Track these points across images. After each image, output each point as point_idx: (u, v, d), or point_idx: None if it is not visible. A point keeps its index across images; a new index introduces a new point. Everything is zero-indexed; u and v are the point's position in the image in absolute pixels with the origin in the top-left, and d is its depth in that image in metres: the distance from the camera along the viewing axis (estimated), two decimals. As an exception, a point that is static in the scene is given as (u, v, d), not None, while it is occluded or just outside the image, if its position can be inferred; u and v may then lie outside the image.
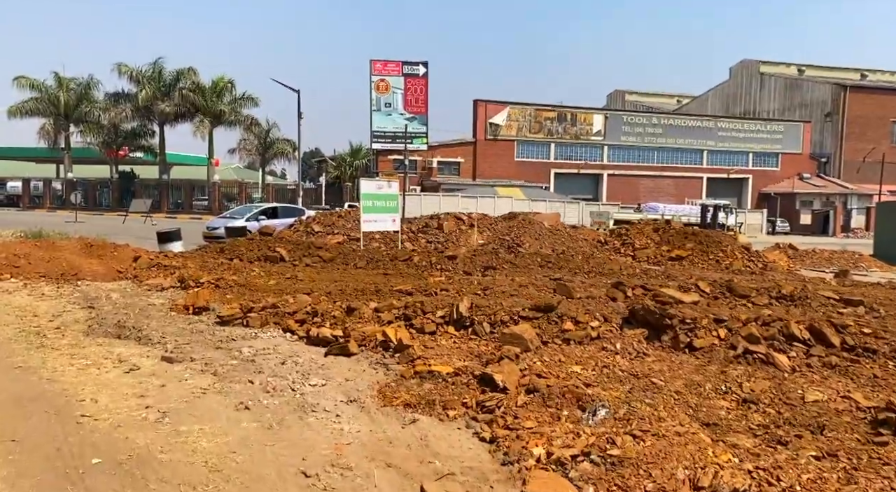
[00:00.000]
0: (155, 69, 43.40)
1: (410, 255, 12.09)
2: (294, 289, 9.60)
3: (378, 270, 11.83)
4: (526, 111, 48.93)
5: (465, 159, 48.31)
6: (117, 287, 9.80)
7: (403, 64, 43.48)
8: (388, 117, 43.53)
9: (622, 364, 5.08)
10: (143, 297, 9.09)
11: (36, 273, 9.93)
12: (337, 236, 16.12)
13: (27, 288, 9.03)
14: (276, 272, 10.98)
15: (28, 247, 10.92)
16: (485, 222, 18.77)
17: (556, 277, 10.14)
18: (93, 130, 46.21)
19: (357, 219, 16.97)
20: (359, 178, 38.44)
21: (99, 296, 8.77)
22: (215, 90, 43.35)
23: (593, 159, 50.91)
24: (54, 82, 45.35)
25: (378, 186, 14.20)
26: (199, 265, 11.25)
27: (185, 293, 9.42)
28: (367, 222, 13.69)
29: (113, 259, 11.26)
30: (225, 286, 9.72)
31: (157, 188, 45.45)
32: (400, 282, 10.35)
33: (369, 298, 8.73)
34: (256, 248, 12.98)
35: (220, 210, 44.21)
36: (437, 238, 17.46)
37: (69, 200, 42.88)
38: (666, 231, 17.60)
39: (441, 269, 11.69)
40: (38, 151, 50.93)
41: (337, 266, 12.29)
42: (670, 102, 75.04)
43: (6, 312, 7.33)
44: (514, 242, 12.86)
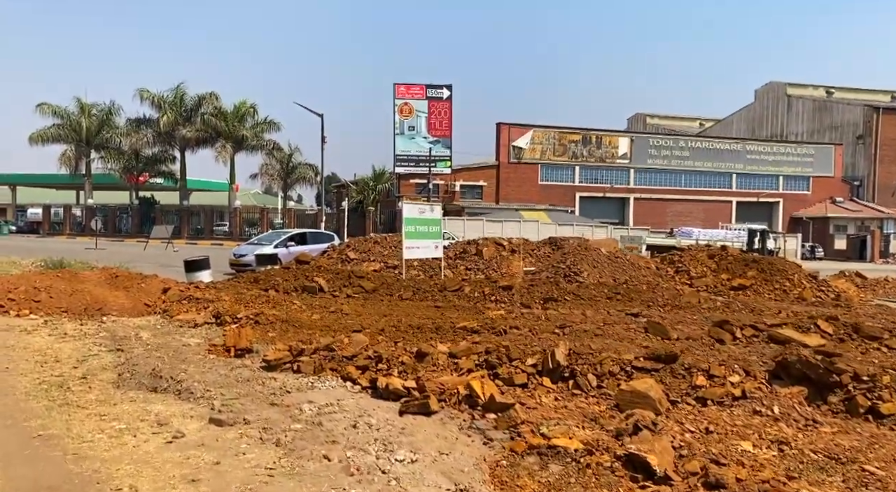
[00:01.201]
0: (177, 94, 43.23)
1: (461, 284, 11.05)
2: (342, 325, 8.59)
3: (426, 301, 10.79)
4: (550, 134, 48.11)
5: (488, 183, 47.43)
6: (146, 324, 8.84)
7: (427, 87, 42.95)
8: (412, 141, 42.88)
9: (800, 438, 3.96)
10: (177, 335, 8.11)
11: (58, 308, 9.01)
12: (373, 264, 15.13)
13: (48, 326, 8.08)
14: (319, 305, 9.98)
15: (49, 279, 10.02)
16: (526, 248, 17.73)
17: (633, 313, 9.04)
18: (113, 156, 46.02)
19: (394, 245, 16.02)
20: (401, 202, 37.74)
21: (127, 335, 7.80)
22: (237, 115, 43.02)
23: (619, 183, 49.82)
24: (76, 108, 45.33)
25: (420, 211, 13.24)
26: (233, 298, 10.29)
27: (223, 331, 8.46)
28: (409, 249, 12.70)
29: (140, 291, 10.33)
30: (265, 322, 8.73)
31: (178, 214, 44.97)
32: (456, 316, 9.31)
33: (429, 337, 7.70)
34: (293, 277, 12.01)
35: (241, 236, 43.58)
36: (476, 265, 16.41)
37: (89, 227, 42.46)
38: (723, 258, 16.42)
39: (496, 300, 10.62)
40: (58, 178, 50.87)
41: (381, 297, 11.27)
42: (692, 126, 73.99)
43: (25, 358, 6.36)
44: (570, 270, 11.79)
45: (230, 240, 43.19)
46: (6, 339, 7.07)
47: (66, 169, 46.12)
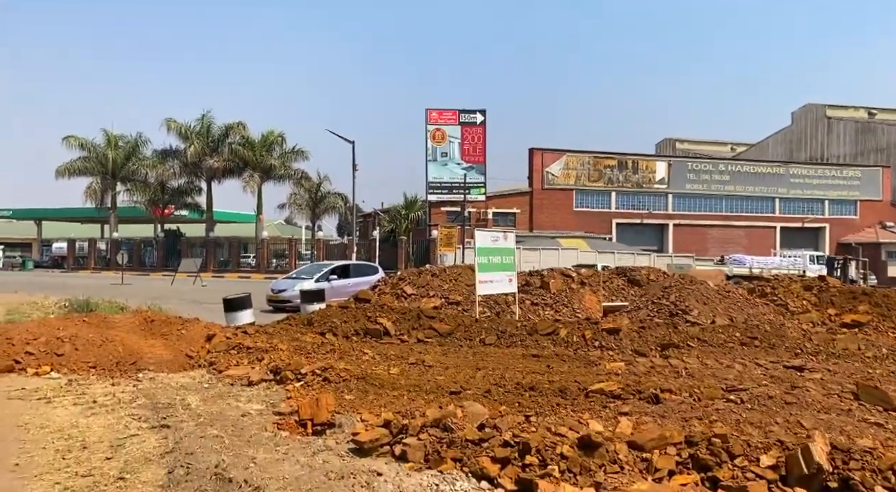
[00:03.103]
0: (203, 124, 42.45)
1: (555, 327, 9.31)
2: (433, 384, 6.89)
3: (516, 348, 9.05)
4: (584, 159, 46.56)
5: (521, 210, 45.82)
6: (191, 382, 7.21)
7: (460, 112, 41.73)
8: (445, 167, 41.53)
9: None
10: (231, 400, 6.45)
11: (84, 363, 7.42)
12: (433, 300, 13.42)
13: (73, 388, 6.47)
14: (394, 355, 8.28)
15: (74, 325, 8.48)
16: (595, 279, 15.96)
17: (793, 365, 7.22)
18: (139, 189, 45.23)
19: (454, 278, 14.35)
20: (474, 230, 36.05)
21: (171, 401, 6.16)
22: (265, 144, 42.07)
23: (657, 208, 47.94)
24: (103, 140, 44.76)
25: (493, 239, 11.59)
26: (290, 346, 8.64)
27: (286, 391, 6.82)
28: (482, 284, 11.02)
29: (180, 339, 8.73)
30: (337, 380, 7.04)
31: (204, 246, 43.83)
32: (567, 369, 7.56)
33: (554, 404, 5.97)
34: (353, 318, 10.36)
35: (269, 268, 42.23)
36: (543, 299, 14.64)
37: (114, 261, 41.45)
38: (822, 290, 14.51)
39: (602, 347, 8.85)
40: (83, 212, 50.21)
41: (458, 341, 9.56)
42: (724, 150, 72.04)
43: (42, 445, 4.72)
44: (677, 307, 10.02)
45: (257, 272, 41.86)
46: (20, 412, 5.45)
47: (92, 202, 45.36)
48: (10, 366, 7.04)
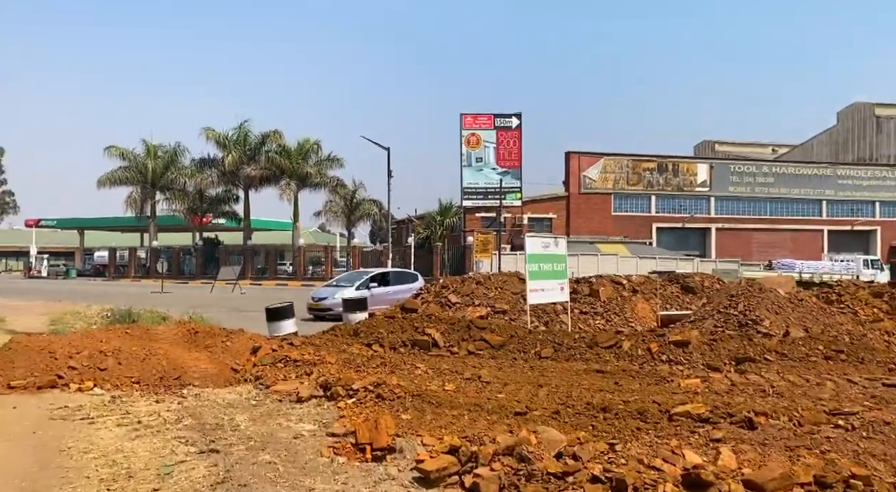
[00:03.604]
0: (240, 132, 42.83)
1: (616, 339, 8.72)
2: (494, 402, 6.39)
3: (575, 361, 8.49)
4: (622, 162, 45.62)
5: (558, 215, 45.07)
6: (238, 399, 6.84)
7: (495, 116, 41.27)
8: (480, 173, 41.08)
9: None
10: (281, 419, 6.04)
11: (128, 378, 7.11)
12: (479, 308, 12.93)
13: (117, 406, 6.15)
14: (448, 369, 7.81)
15: (117, 337, 8.22)
16: (647, 287, 15.27)
17: (892, 383, 6.52)
18: (178, 197, 45.85)
19: (500, 286, 13.84)
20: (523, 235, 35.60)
21: (219, 422, 5.78)
22: (301, 152, 42.23)
23: (699, 212, 46.67)
24: (143, 150, 45.53)
25: (544, 245, 11.04)
26: (338, 358, 8.24)
27: (338, 408, 6.41)
28: (534, 293, 10.48)
29: (225, 352, 8.40)
30: (391, 397, 6.57)
31: (242, 254, 44.15)
32: (638, 388, 6.99)
33: (634, 428, 5.41)
34: (399, 329, 9.92)
35: (305, 275, 42.30)
36: (593, 308, 14.05)
37: (154, 269, 42.04)
38: (895, 297, 13.58)
39: (670, 361, 8.23)
40: (124, 221, 51.17)
41: (512, 354, 9.03)
42: (765, 152, 70.07)
43: (86, 473, 4.36)
44: (746, 317, 9.33)
45: (294, 280, 41.97)
46: (62, 434, 5.12)
47: (132, 211, 46.15)
48: (53, 381, 6.77)
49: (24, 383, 6.71)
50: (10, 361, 7.13)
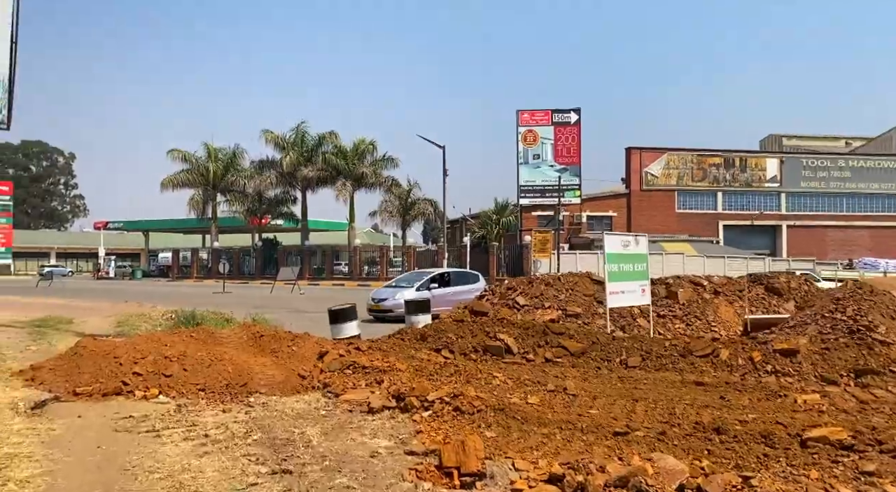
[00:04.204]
0: (297, 134, 43.24)
1: (713, 347, 7.91)
2: (587, 419, 5.74)
3: (667, 371, 7.74)
4: (686, 157, 43.86)
5: (618, 213, 43.70)
6: (307, 408, 6.41)
7: (553, 112, 40.29)
8: (537, 170, 40.18)
9: None
10: (355, 433, 5.56)
11: (193, 385, 6.79)
12: (549, 312, 12.24)
13: (182, 417, 5.79)
14: (529, 380, 7.19)
15: (182, 341, 7.95)
16: (730, 288, 14.24)
17: None
18: (238, 199, 46.70)
19: (570, 287, 13.10)
20: (582, 234, 34.63)
21: (290, 437, 5.33)
22: (356, 152, 42.30)
23: (769, 209, 44.44)
24: (204, 153, 46.55)
25: (624, 244, 10.29)
26: (408, 365, 7.74)
27: (413, 422, 5.90)
28: (613, 295, 9.74)
29: (291, 357, 8.02)
30: (470, 410, 6.02)
31: (300, 255, 44.60)
32: (746, 402, 6.22)
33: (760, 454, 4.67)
34: (469, 333, 9.36)
35: (361, 275, 42.35)
36: (672, 310, 13.16)
37: (216, 270, 42.89)
38: None
39: (775, 372, 7.38)
40: (186, 222, 52.53)
41: (594, 363, 8.34)
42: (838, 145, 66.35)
43: (149, 496, 3.95)
44: (856, 322, 8.35)
45: (350, 280, 42.08)
46: (126, 449, 4.76)
47: (194, 213, 47.26)
48: (118, 388, 6.51)
49: (90, 390, 6.46)
50: (76, 366, 6.93)
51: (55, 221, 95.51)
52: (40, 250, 72.50)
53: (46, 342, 9.27)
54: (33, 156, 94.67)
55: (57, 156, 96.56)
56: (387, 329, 14.04)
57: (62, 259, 72.96)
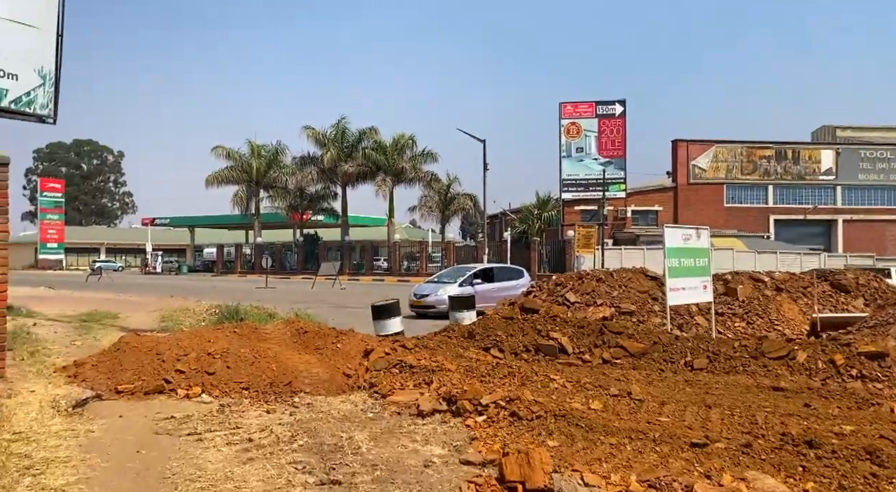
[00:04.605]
0: (338, 130, 43.32)
1: (789, 348, 7.28)
2: (658, 428, 5.25)
3: (737, 374, 7.15)
4: (736, 150, 42.34)
5: (664, 207, 42.47)
6: (353, 410, 6.08)
7: (597, 104, 39.34)
8: (580, 163, 39.31)
9: None
10: (405, 439, 5.19)
11: (236, 384, 6.53)
12: (601, 309, 11.69)
13: (225, 419, 5.51)
14: (590, 383, 6.70)
15: (225, 338, 7.72)
16: (794, 285, 13.44)
17: None
18: (280, 195, 47.11)
19: (624, 284, 12.51)
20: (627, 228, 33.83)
21: (338, 442, 4.99)
22: (396, 147, 42.14)
23: (823, 202, 42.57)
24: (248, 150, 47.08)
25: (685, 237, 9.67)
26: (458, 365, 7.34)
27: (467, 427, 5.50)
28: (674, 292, 9.15)
29: (336, 355, 7.71)
30: (528, 416, 5.57)
31: (340, 250, 44.75)
32: (835, 410, 5.63)
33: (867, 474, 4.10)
34: (520, 332, 8.91)
35: (401, 271, 42.24)
36: (731, 308, 12.46)
37: (259, 265, 43.37)
38: None
39: (861, 376, 6.73)
40: (230, 218, 53.31)
41: (657, 364, 7.80)
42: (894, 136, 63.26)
43: (190, 510, 3.64)
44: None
45: (389, 275, 42.00)
46: (167, 454, 4.48)
47: (238, 209, 47.88)
48: (160, 386, 6.29)
49: (132, 388, 6.26)
50: (118, 363, 6.75)
51: (105, 218, 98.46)
52: (91, 246, 74.73)
53: (91, 337, 9.19)
54: (84, 154, 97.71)
55: (107, 154, 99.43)
56: (429, 325, 13.70)
57: (111, 254, 75.08)
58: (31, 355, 7.34)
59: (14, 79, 10.39)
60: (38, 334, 8.87)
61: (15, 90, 10.48)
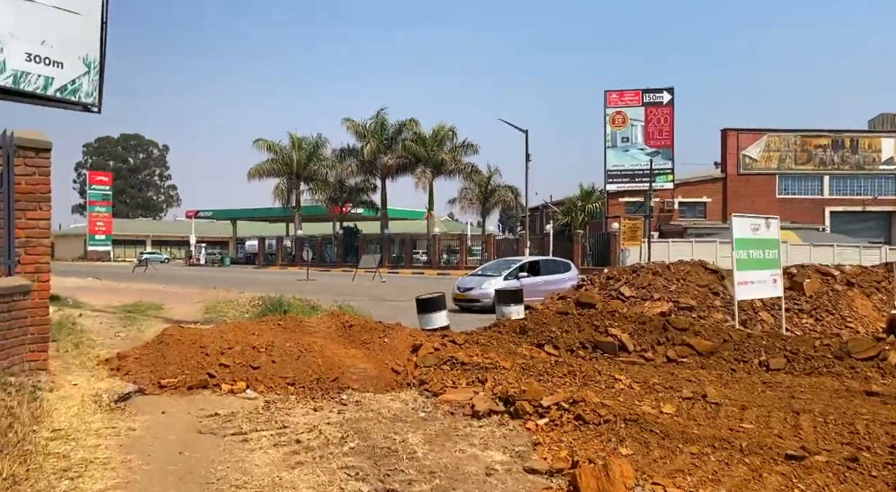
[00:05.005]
0: (377, 121, 43.15)
1: (879, 349, 6.63)
2: (746, 437, 4.72)
3: (820, 375, 6.53)
4: (789, 139, 40.62)
5: (713, 199, 41.10)
6: (404, 409, 5.72)
7: (643, 92, 38.18)
8: (626, 154, 38.25)
9: None
10: (462, 443, 4.79)
11: (282, 379, 6.23)
12: (658, 304, 11.09)
13: (272, 416, 5.20)
14: (659, 384, 6.19)
15: (270, 330, 7.45)
16: (867, 279, 12.57)
17: None
18: (320, 187, 47.26)
19: (682, 277, 11.87)
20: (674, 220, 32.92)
21: (391, 444, 4.63)
22: (436, 139, 41.75)
23: (884, 193, 40.54)
24: (289, 143, 47.34)
25: (753, 228, 9.02)
26: (512, 362, 6.91)
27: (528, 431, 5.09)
28: (742, 286, 8.52)
29: (383, 350, 7.37)
30: (595, 421, 5.12)
31: (380, 243, 44.69)
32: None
33: None
34: (575, 327, 8.42)
35: (441, 264, 41.93)
36: (797, 303, 11.72)
37: (299, 257, 43.62)
38: None
39: (965, 381, 6.04)
40: (271, 211, 53.80)
41: (728, 364, 7.23)
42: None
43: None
44: None
45: (429, 268, 41.74)
46: (211, 456, 4.18)
47: (279, 202, 48.24)
48: (203, 381, 6.03)
49: (175, 382, 6.02)
50: (161, 356, 6.52)
51: (151, 211, 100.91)
52: (137, 238, 76.62)
53: (135, 329, 9.06)
54: (131, 149, 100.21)
55: (152, 148, 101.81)
56: (473, 319, 13.29)
57: (157, 246, 76.82)
58: (76, 347, 7.19)
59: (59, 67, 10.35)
60: (83, 325, 8.77)
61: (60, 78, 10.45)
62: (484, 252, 40.73)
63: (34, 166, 5.98)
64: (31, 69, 9.66)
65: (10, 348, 5.62)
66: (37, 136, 6.06)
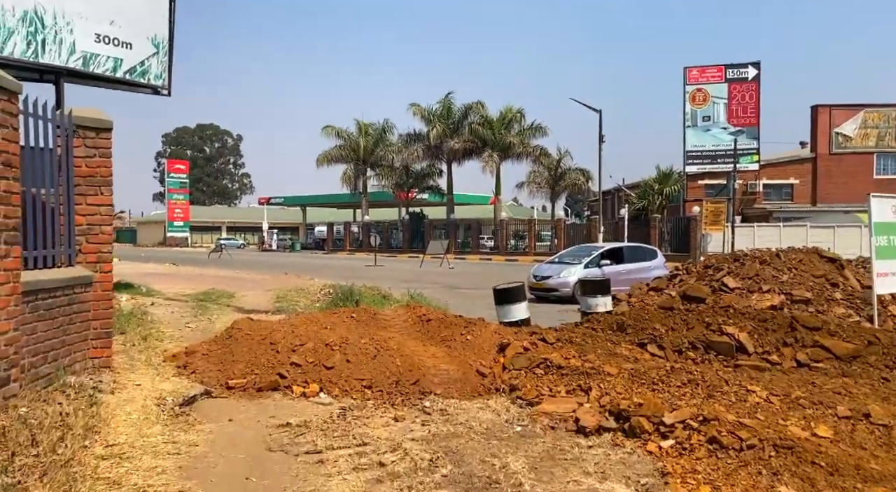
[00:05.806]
0: (444, 106, 42.40)
1: None
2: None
3: None
4: (890, 115, 37.22)
5: (800, 180, 38.26)
6: (496, 420, 4.97)
7: (727, 68, 35.71)
8: (707, 133, 35.98)
9: None
10: (574, 470, 3.99)
11: (358, 381, 5.60)
12: (767, 296, 9.84)
13: (348, 429, 4.54)
14: (805, 399, 5.17)
15: (343, 324, 6.86)
16: None
17: None
18: (386, 173, 47.08)
19: (795, 266, 10.53)
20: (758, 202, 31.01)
21: (490, 473, 3.87)
22: (503, 122, 40.62)
23: None
24: (356, 129, 47.30)
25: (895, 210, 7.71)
26: (618, 366, 6.01)
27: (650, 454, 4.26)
28: (883, 277, 7.30)
29: (466, 348, 6.63)
30: (734, 444, 4.19)
31: (445, 228, 44.11)
32: None
33: None
34: (683, 324, 7.42)
35: (508, 249, 40.99)
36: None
37: (367, 243, 43.64)
38: None
39: None
40: (339, 197, 54.16)
41: (876, 370, 6.10)
42: None
43: None
44: None
45: (497, 254, 40.88)
46: (282, 484, 3.54)
47: (347, 188, 48.41)
48: (274, 382, 5.47)
49: (244, 383, 5.48)
50: (230, 353, 6.01)
51: (226, 198, 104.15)
52: (213, 224, 79.12)
53: (206, 318, 8.69)
54: (207, 138, 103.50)
55: (227, 137, 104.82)
56: (552, 311, 12.40)
57: (231, 232, 79.17)
58: (143, 340, 6.81)
59: (128, 48, 10.08)
60: (154, 315, 8.46)
61: (129, 60, 10.18)
62: (553, 238, 39.47)
63: (94, 147, 5.52)
64: (100, 50, 9.41)
65: (71, 345, 5.21)
66: (97, 114, 5.59)
